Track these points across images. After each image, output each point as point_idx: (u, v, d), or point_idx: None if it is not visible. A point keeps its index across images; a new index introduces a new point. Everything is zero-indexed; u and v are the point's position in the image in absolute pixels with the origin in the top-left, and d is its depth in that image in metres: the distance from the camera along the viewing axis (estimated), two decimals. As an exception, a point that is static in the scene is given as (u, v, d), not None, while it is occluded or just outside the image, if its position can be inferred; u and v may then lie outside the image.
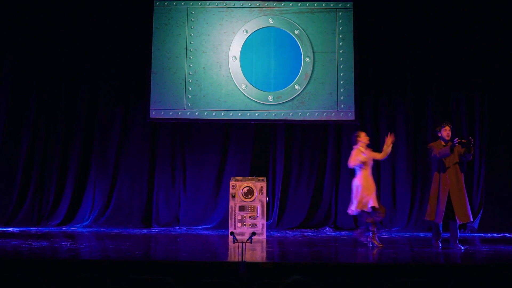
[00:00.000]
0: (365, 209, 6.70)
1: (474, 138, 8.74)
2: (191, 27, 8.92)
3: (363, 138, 6.99)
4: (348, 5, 8.92)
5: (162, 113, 8.76)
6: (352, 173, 9.00)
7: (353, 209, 6.85)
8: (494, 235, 8.17)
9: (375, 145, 9.03)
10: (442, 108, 8.95)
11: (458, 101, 8.97)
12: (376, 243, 6.70)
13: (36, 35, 8.93)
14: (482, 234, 8.25)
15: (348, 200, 8.94)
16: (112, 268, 5.19)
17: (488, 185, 8.74)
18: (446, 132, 6.75)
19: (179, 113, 8.77)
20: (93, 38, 8.97)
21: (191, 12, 8.96)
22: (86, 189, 8.93)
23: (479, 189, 8.69)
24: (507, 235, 8.21)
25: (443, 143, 6.71)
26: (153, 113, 8.75)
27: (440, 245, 6.58)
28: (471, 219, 6.72)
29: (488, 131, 8.82)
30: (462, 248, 6.44)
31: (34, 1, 8.93)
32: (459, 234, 6.77)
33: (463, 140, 6.46)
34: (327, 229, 8.75)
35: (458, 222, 6.51)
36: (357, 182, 6.86)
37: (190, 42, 8.89)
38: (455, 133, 8.58)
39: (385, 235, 8.28)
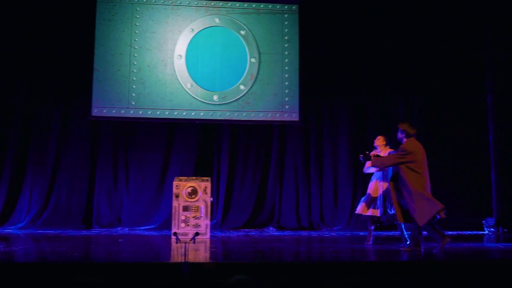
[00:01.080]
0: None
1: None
2: (135, 24, 8.76)
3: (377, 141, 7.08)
4: (293, 7, 9.06)
5: (104, 111, 8.54)
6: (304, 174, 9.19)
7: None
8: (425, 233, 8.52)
9: (318, 145, 9.25)
10: (382, 111, 9.28)
11: (397, 104, 9.33)
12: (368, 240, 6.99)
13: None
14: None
15: (292, 201, 9.13)
16: (49, 271, 5.00)
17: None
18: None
19: (122, 111, 8.58)
20: (32, 31, 8.63)
21: (136, 9, 8.79)
22: (22, 189, 8.58)
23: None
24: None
25: None
26: (95, 111, 8.52)
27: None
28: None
29: (424, 133, 9.20)
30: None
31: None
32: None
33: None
34: (270, 228, 8.84)
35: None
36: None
37: (135, 40, 8.73)
38: (390, 134, 8.95)
39: (326, 234, 8.46)
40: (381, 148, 7.02)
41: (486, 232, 8.82)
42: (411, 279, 4.92)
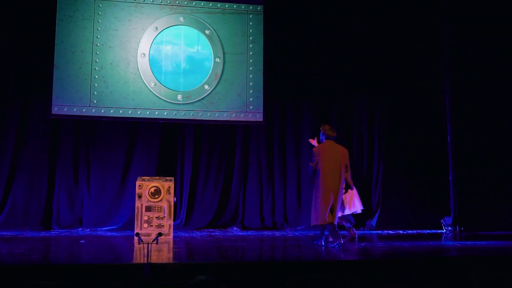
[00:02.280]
0: None
1: (374, 140, 9.36)
2: (98, 21, 8.60)
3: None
4: (258, 8, 9.10)
5: (65, 109, 8.36)
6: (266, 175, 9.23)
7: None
8: (390, 232, 8.72)
9: (281, 145, 9.31)
10: (346, 112, 9.42)
11: (360, 106, 9.49)
12: None
13: None
14: (379, 232, 8.77)
15: (255, 201, 9.17)
16: (6, 273, 4.85)
17: (385, 185, 9.32)
18: None
19: (84, 110, 8.42)
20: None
21: (98, 6, 8.64)
22: (-23, 190, 8.29)
23: (377, 189, 9.25)
24: (401, 232, 8.81)
25: None
26: (55, 109, 8.33)
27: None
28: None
29: (386, 134, 9.42)
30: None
31: None
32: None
33: None
34: (234, 228, 8.84)
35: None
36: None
37: (97, 37, 8.57)
38: (353, 135, 9.16)
39: (290, 234, 8.52)
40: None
41: (444, 230, 9.07)
42: (372, 276, 5.02)
